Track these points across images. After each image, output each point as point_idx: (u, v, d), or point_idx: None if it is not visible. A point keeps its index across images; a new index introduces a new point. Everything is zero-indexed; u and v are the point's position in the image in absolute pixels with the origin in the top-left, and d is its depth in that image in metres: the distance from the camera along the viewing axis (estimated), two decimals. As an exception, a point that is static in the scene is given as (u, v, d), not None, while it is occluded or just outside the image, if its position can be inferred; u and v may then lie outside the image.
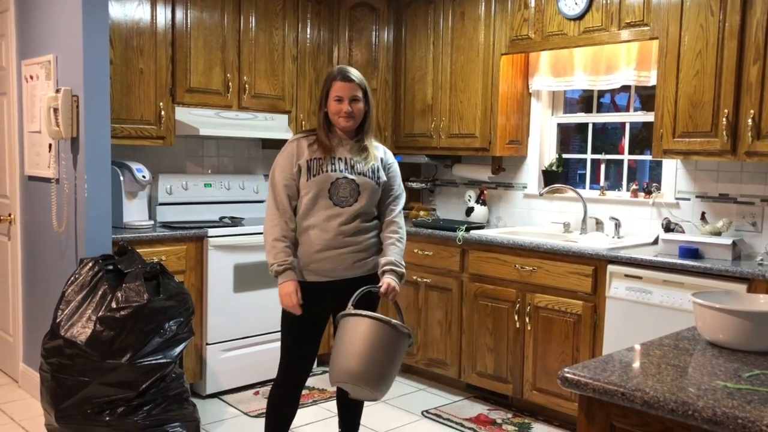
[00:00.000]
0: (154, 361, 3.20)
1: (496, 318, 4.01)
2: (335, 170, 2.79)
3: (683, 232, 3.79)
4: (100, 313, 3.16)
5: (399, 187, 3.00)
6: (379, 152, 2.95)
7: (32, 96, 3.90)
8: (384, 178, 2.91)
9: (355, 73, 2.86)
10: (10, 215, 4.22)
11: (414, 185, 5.07)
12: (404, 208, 5.00)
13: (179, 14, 4.15)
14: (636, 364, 1.69)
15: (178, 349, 3.32)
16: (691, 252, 3.37)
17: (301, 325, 2.86)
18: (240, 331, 4.20)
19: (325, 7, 4.86)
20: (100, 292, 3.23)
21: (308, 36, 4.78)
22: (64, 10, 3.60)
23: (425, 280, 4.36)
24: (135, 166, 4.05)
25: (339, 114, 2.81)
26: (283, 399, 2.93)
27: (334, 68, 2.98)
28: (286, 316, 2.88)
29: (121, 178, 4.01)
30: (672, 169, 3.95)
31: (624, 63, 4.01)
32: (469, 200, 4.77)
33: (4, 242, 4.35)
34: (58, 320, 3.21)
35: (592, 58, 4.14)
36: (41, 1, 3.82)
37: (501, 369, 4.00)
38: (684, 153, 3.56)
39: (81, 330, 3.14)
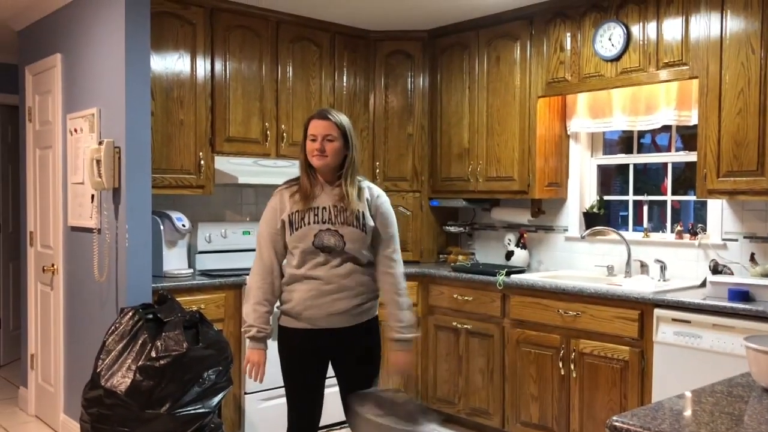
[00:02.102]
0: (193, 411, 3.18)
1: (540, 365, 3.91)
2: (317, 221, 2.70)
3: (732, 273, 3.67)
4: (140, 363, 3.16)
5: (392, 227, 2.85)
6: (365, 193, 2.79)
7: (76, 148, 4.00)
8: (371, 223, 2.76)
9: (334, 114, 2.77)
10: (53, 266, 4.29)
11: (452, 229, 5.03)
12: (443, 252, 5.02)
13: (218, 66, 4.23)
14: (688, 412, 1.63)
15: (216, 399, 3.29)
16: (742, 294, 3.26)
17: (299, 377, 2.80)
18: (279, 380, 4.13)
19: (361, 55, 4.92)
20: (140, 341, 3.24)
21: (344, 84, 4.84)
22: (108, 65, 3.70)
23: (465, 326, 4.29)
24: (175, 215, 4.10)
25: (312, 152, 2.72)
26: None
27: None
28: (284, 369, 2.82)
29: (161, 227, 4.06)
30: (717, 209, 3.85)
31: (664, 103, 3.95)
32: (508, 244, 4.71)
33: (47, 292, 4.41)
34: (98, 370, 3.21)
35: (631, 99, 4.10)
36: (86, 57, 3.94)
37: (546, 418, 3.88)
38: (729, 193, 3.47)
39: (121, 380, 3.14)
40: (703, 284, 3.69)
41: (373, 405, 2.55)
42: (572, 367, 3.74)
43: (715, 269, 3.70)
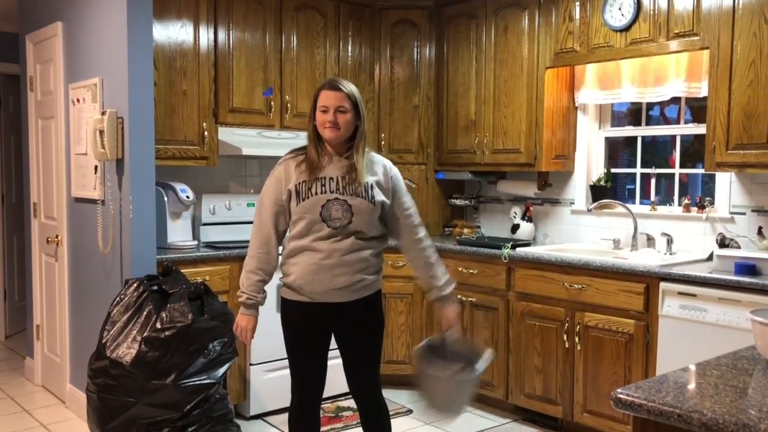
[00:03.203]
0: (198, 382, 3.19)
1: (545, 338, 3.91)
2: (325, 191, 2.65)
3: (739, 247, 3.65)
4: (145, 334, 3.16)
5: (407, 195, 2.83)
6: (378, 167, 2.76)
7: (79, 119, 3.97)
8: (380, 197, 2.71)
9: (345, 84, 2.71)
10: (57, 237, 4.28)
11: (457, 202, 5.00)
12: (448, 226, 5.00)
13: (221, 35, 4.18)
14: (692, 385, 1.63)
15: (222, 370, 3.30)
16: (748, 268, 3.24)
17: (302, 348, 2.80)
18: (283, 351, 4.15)
19: (366, 24, 4.85)
20: (145, 313, 3.24)
21: (349, 54, 4.78)
22: (110, 34, 3.66)
23: (470, 299, 4.28)
24: (179, 186, 4.08)
25: (323, 124, 2.66)
26: (302, 421, 2.86)
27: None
28: (287, 341, 2.81)
29: (165, 198, 4.04)
30: (726, 182, 3.81)
31: (673, 74, 3.90)
32: (514, 217, 4.68)
33: (52, 263, 4.41)
34: (103, 341, 3.22)
35: (640, 70, 4.04)
36: (87, 26, 3.89)
37: (550, 390, 3.89)
38: (738, 166, 3.44)
39: (126, 351, 3.15)
40: (710, 258, 3.67)
41: (433, 359, 2.73)
42: (577, 340, 3.74)
43: (722, 243, 3.68)
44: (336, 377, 2.98)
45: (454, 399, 2.77)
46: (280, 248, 2.80)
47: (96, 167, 3.78)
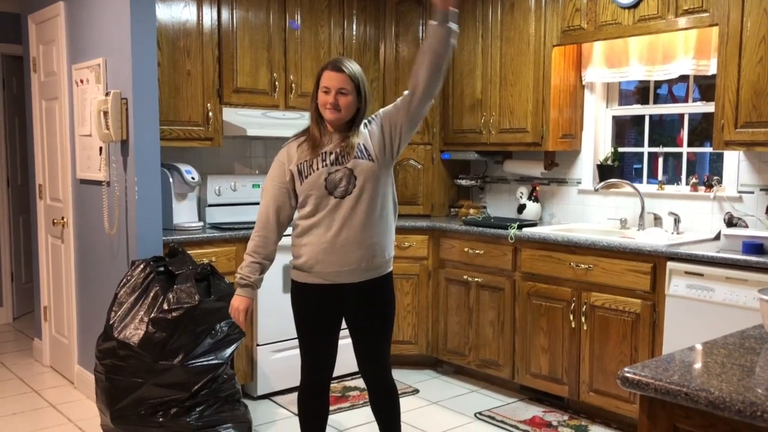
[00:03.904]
0: (205, 362, 3.20)
1: (551, 318, 3.91)
2: (326, 165, 2.64)
3: (747, 226, 3.63)
4: (152, 315, 3.17)
5: (397, 102, 2.69)
6: (363, 128, 2.70)
7: (83, 100, 3.95)
8: (375, 149, 2.66)
9: (348, 65, 2.66)
10: (63, 218, 4.28)
11: (463, 182, 4.98)
12: (454, 206, 4.98)
13: (225, 14, 4.14)
14: (699, 364, 1.63)
15: (229, 351, 3.31)
16: (756, 247, 3.22)
17: (312, 329, 2.79)
18: (290, 331, 4.14)
19: (371, 3, 4.81)
20: (151, 294, 3.25)
21: (354, 33, 4.74)
22: (112, 14, 3.63)
23: (476, 279, 4.28)
24: (184, 167, 4.06)
25: (324, 105, 2.65)
26: (311, 400, 2.87)
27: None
28: (297, 322, 2.81)
29: (171, 179, 4.03)
30: (734, 161, 3.78)
31: (682, 52, 3.85)
32: (520, 197, 4.66)
33: (58, 245, 4.42)
34: (111, 322, 3.23)
35: (648, 48, 3.99)
36: (90, 6, 3.86)
37: (556, 370, 3.89)
38: (747, 144, 3.41)
39: (134, 331, 3.16)
40: (717, 237, 3.65)
41: None
42: (583, 320, 3.74)
43: (730, 222, 3.66)
44: (343, 357, 2.98)
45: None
46: (289, 230, 2.79)
47: (101, 149, 3.77)
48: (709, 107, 3.85)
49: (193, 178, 4.05)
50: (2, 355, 5.02)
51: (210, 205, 4.33)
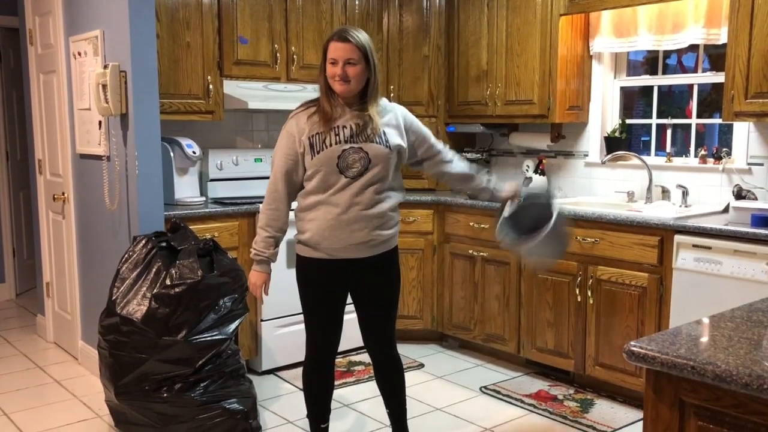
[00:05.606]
0: (209, 338, 3.18)
1: (557, 292, 3.88)
2: (339, 141, 2.59)
3: (756, 199, 3.58)
4: (155, 291, 3.14)
5: (431, 138, 2.82)
6: (389, 112, 2.70)
7: (81, 73, 3.89)
8: (396, 140, 2.66)
9: (354, 34, 2.59)
10: (63, 194, 4.24)
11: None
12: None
13: (225, -15, 4.06)
14: (706, 338, 1.61)
15: (233, 326, 3.29)
16: (765, 220, 3.18)
17: (318, 304, 2.77)
18: (294, 307, 4.14)
19: (374, -28, 4.71)
20: (154, 270, 3.22)
21: (357, 2, 4.64)
22: (110, -16, 3.55)
23: (482, 253, 4.24)
24: (185, 141, 4.01)
25: (333, 77, 2.59)
26: (315, 375, 2.86)
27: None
28: (302, 298, 2.79)
29: (171, 154, 3.98)
30: (744, 132, 3.72)
31: (692, 20, 3.77)
32: (527, 170, 4.61)
33: (59, 221, 4.38)
34: (113, 298, 3.21)
35: (657, 16, 3.91)
36: (87, -24, 3.78)
37: (562, 344, 3.87)
38: (757, 115, 3.35)
39: (136, 307, 3.13)
40: (726, 210, 3.60)
41: (518, 230, 2.76)
42: (589, 293, 3.71)
43: (739, 194, 3.61)
44: (348, 331, 2.96)
45: (560, 241, 2.81)
46: (294, 204, 2.75)
47: (100, 122, 3.71)
48: (719, 77, 3.78)
49: (194, 153, 4.00)
50: (6, 331, 5.01)
51: (212, 180, 4.29)
